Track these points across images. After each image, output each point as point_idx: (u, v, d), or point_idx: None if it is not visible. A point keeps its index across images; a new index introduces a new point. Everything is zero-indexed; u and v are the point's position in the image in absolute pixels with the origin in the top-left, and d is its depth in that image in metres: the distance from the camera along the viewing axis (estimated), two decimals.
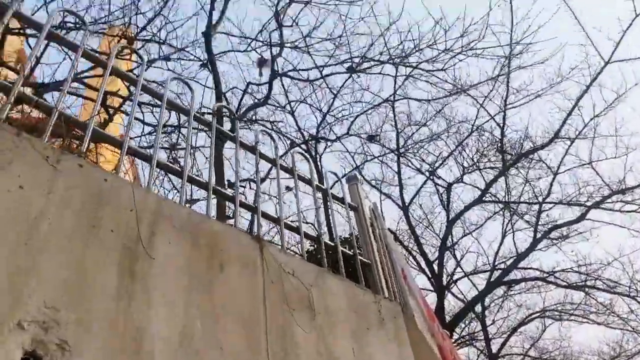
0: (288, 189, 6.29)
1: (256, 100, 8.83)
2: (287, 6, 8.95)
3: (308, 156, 3.46)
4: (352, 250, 2.98)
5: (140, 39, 7.00)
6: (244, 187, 7.04)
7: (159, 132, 2.40)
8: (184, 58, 7.96)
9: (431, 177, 11.25)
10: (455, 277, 12.02)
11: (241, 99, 8.59)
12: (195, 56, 8.18)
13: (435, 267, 10.76)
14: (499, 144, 10.52)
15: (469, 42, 8.88)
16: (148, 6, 7.12)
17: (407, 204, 11.05)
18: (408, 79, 9.66)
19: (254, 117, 8.66)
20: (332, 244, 2.94)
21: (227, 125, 5.92)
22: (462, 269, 12.15)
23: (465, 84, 9.84)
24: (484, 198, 10.98)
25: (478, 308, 11.98)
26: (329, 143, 10.09)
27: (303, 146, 9.16)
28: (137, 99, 2.26)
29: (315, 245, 3.28)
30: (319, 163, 9.25)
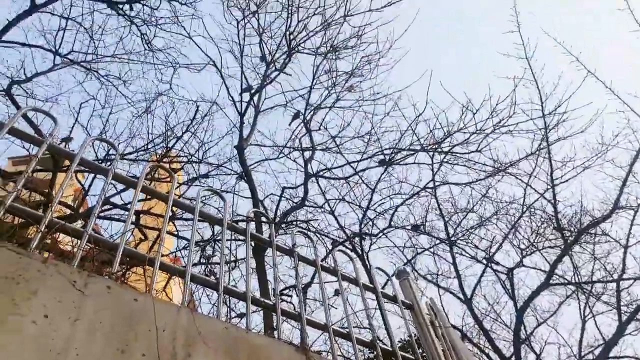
0: (337, 292, 5.96)
1: (293, 204, 8.88)
2: (313, 113, 9.38)
3: (353, 254, 3.28)
4: (413, 354, 2.66)
5: (178, 162, 7.40)
6: (290, 295, 6.77)
7: (192, 245, 2.34)
8: (221, 173, 8.30)
9: (489, 264, 10.56)
10: None
11: (278, 205, 8.68)
12: (231, 170, 8.52)
13: None
14: (555, 222, 9.91)
15: (500, 120, 8.83)
16: (182, 130, 7.65)
17: (469, 297, 10.27)
18: (444, 165, 9.55)
19: (291, 220, 8.63)
20: (390, 349, 2.64)
21: (266, 234, 5.88)
22: None
23: (504, 164, 9.59)
24: (550, 281, 10.10)
25: None
26: (373, 239, 9.81)
27: (347, 244, 8.93)
28: (168, 214, 2.24)
29: (372, 352, 2.97)
30: (366, 261, 8.89)
